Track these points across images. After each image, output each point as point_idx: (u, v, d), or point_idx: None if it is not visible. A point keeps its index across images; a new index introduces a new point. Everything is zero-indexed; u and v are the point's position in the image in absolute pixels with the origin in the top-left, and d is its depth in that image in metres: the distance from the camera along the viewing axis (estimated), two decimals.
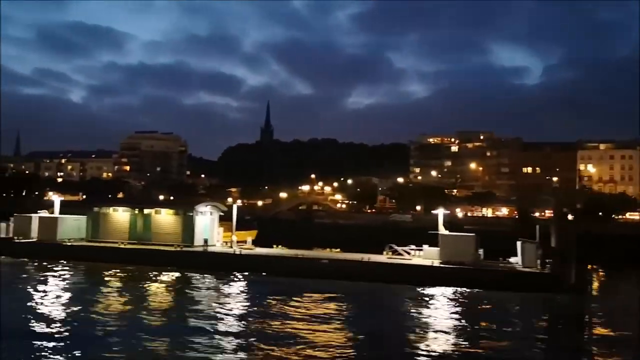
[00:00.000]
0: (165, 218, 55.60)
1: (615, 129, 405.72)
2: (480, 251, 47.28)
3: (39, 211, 61.62)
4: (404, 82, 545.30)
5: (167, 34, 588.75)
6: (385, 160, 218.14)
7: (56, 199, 61.08)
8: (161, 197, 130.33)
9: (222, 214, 59.27)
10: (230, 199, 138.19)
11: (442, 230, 49.01)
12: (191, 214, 54.65)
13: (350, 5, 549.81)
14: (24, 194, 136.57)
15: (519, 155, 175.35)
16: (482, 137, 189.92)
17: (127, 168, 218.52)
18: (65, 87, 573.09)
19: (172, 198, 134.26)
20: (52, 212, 60.16)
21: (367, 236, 74.55)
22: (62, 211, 60.08)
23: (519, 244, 46.28)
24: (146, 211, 56.43)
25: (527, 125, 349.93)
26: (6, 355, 22.28)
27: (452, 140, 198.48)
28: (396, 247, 50.14)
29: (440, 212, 50.60)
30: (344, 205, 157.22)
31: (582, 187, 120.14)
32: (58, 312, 30.89)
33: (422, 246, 49.61)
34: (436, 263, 45.67)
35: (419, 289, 41.32)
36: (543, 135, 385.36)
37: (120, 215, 56.78)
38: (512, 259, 46.93)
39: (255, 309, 33.34)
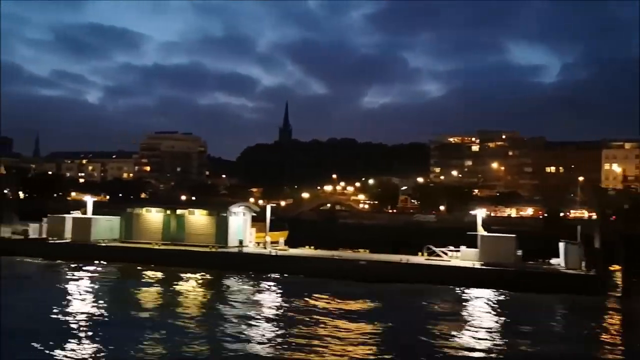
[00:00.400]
0: (198, 219, 55.42)
1: (637, 128, 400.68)
2: (519, 252, 46.59)
3: (71, 212, 61.68)
4: (419, 82, 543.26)
5: (182, 35, 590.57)
6: (405, 160, 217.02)
7: (89, 199, 61.04)
8: (183, 198, 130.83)
9: (254, 214, 59.07)
10: (252, 199, 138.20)
11: (481, 231, 48.30)
12: (225, 214, 54.44)
13: (365, 5, 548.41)
14: (47, 195, 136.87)
15: (542, 154, 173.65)
16: (504, 137, 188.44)
17: (148, 168, 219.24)
18: (82, 89, 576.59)
19: (193, 198, 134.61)
20: (85, 213, 60.21)
21: (391, 236, 74.08)
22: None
23: (561, 245, 45.46)
24: (179, 212, 56.40)
25: (545, 123, 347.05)
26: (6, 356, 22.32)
27: (473, 139, 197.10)
28: (434, 248, 49.55)
29: (479, 213, 49.83)
30: (366, 206, 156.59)
31: (627, 188, 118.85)
32: (92, 312, 31.01)
33: (459, 247, 49.01)
34: (476, 265, 45.06)
35: (461, 291, 40.82)
36: (561, 134, 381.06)
37: (153, 216, 56.69)
38: (553, 260, 46.16)
39: (298, 310, 33.02)
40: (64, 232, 56.96)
